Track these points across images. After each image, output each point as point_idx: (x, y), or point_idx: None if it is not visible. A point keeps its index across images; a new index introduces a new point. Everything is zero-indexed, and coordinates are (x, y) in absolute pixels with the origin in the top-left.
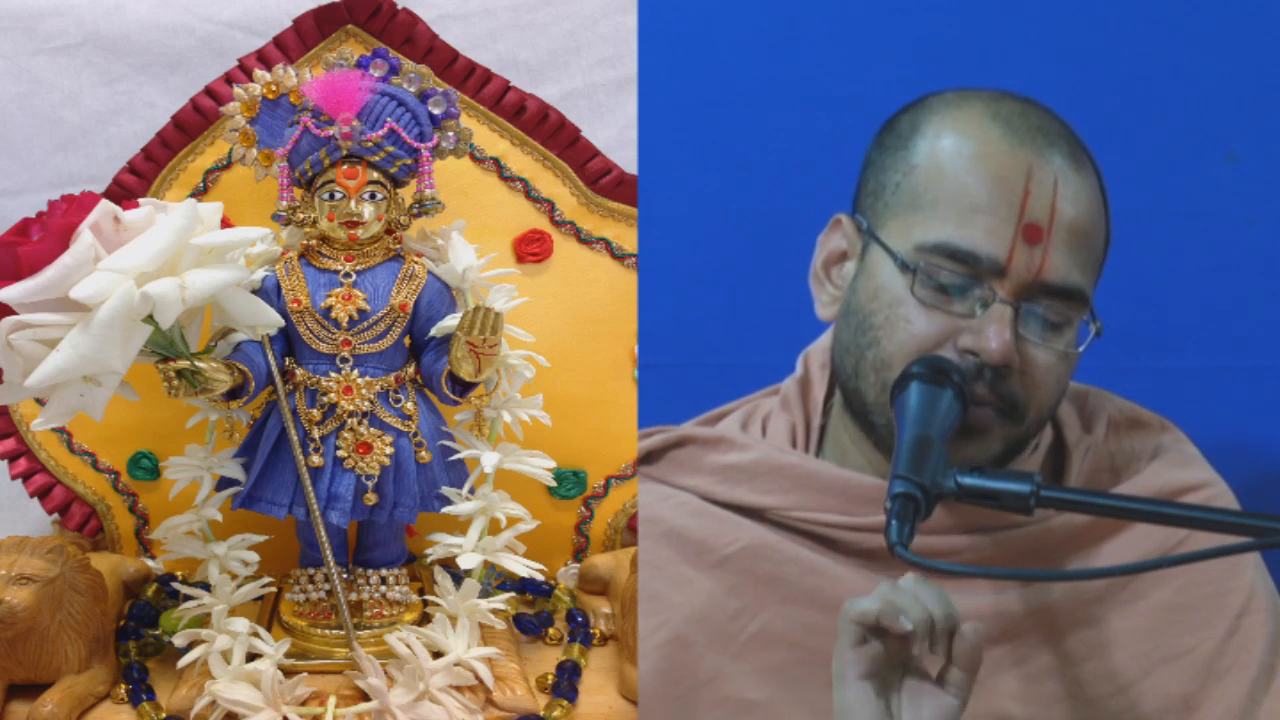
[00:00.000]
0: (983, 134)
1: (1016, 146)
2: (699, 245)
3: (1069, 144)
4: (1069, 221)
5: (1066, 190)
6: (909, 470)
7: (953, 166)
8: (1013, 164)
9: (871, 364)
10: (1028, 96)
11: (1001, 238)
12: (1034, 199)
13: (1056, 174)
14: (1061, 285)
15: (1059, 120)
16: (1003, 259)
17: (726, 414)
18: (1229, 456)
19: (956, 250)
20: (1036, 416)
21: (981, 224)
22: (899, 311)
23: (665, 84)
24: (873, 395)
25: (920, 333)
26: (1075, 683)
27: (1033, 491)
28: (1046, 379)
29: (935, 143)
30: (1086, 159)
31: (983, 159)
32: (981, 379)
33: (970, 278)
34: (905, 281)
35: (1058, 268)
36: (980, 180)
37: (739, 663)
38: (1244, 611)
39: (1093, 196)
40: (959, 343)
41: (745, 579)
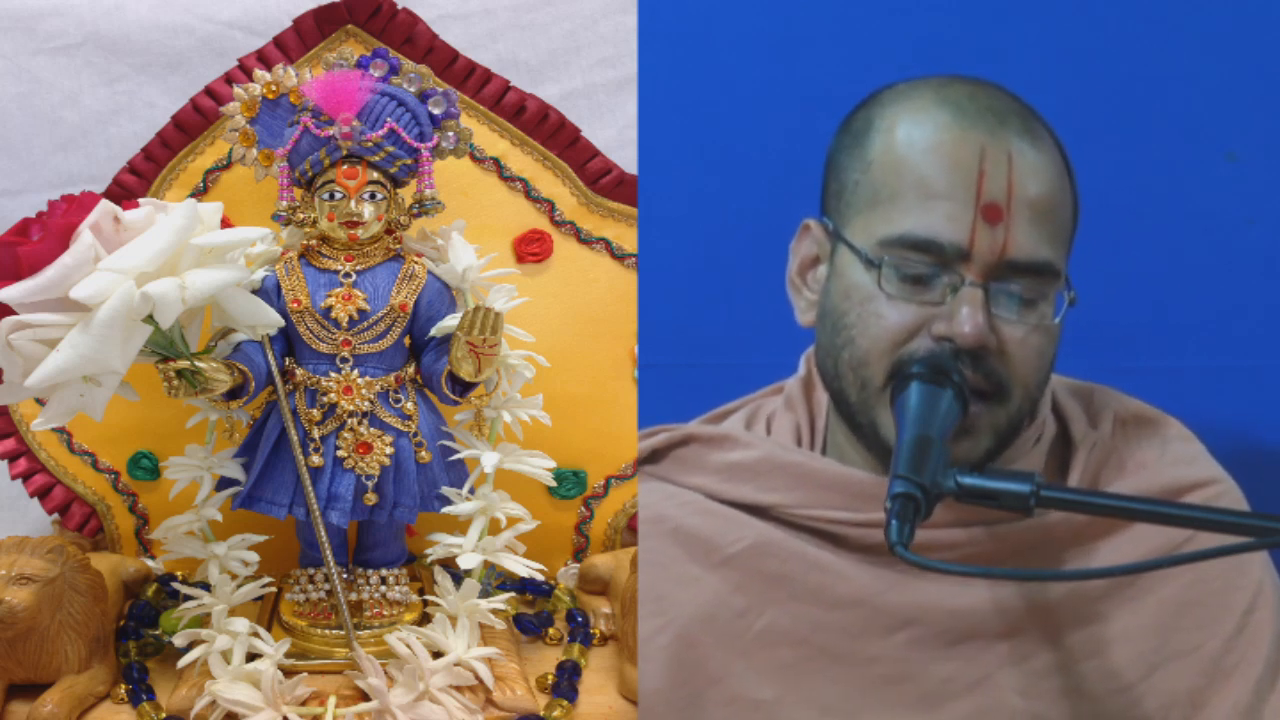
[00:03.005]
0: (933, 121)
1: (968, 129)
2: (699, 245)
3: (1022, 120)
4: (1028, 197)
5: (1023, 166)
6: (909, 470)
7: (907, 158)
8: (965, 147)
9: (849, 363)
10: (978, 78)
11: (961, 222)
12: (989, 179)
13: (1011, 151)
14: (1029, 261)
15: (1011, 97)
16: (965, 243)
17: (730, 413)
18: (1229, 456)
19: (918, 240)
20: (1024, 395)
21: (940, 211)
22: (870, 308)
23: (665, 84)
24: (854, 395)
25: (892, 326)
26: (1079, 679)
27: (1033, 491)
28: (1028, 355)
29: (888, 136)
30: (1044, 132)
31: (935, 146)
32: (961, 363)
33: (936, 265)
34: (872, 278)
35: (1022, 245)
36: (934, 168)
37: (746, 661)
38: (1251, 608)
39: (1052, 169)
40: (933, 330)
41: (751, 577)
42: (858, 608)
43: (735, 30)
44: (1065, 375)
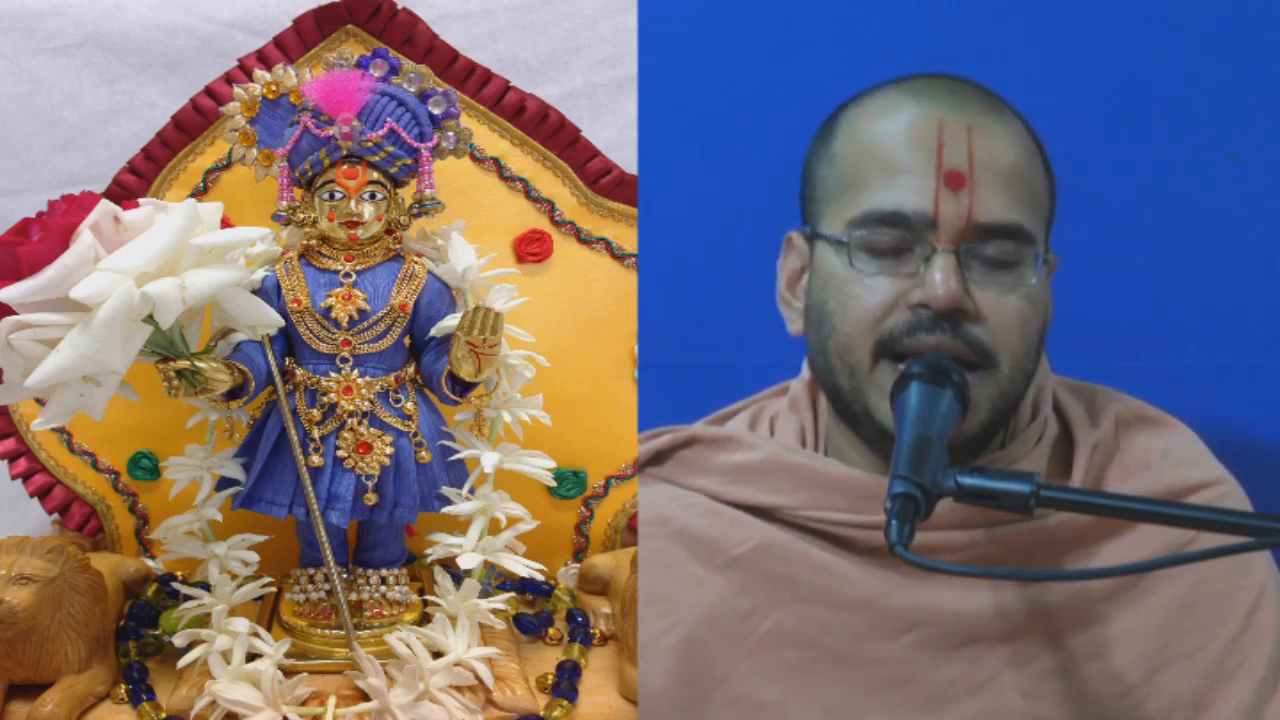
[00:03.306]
0: (893, 106)
1: (927, 108)
2: (699, 245)
3: (982, 97)
4: (992, 163)
5: (983, 136)
6: (909, 470)
7: (870, 143)
8: (924, 122)
9: (836, 352)
10: (941, 73)
11: (925, 191)
12: (949, 149)
13: (970, 124)
14: (998, 223)
15: (972, 83)
16: (930, 210)
17: (734, 414)
18: (1230, 456)
19: (885, 214)
20: (1013, 364)
21: (904, 184)
22: (847, 291)
23: (665, 84)
24: (845, 383)
25: (870, 304)
26: (1081, 681)
27: (1033, 491)
28: (1008, 319)
29: (850, 128)
30: (1006, 109)
31: (896, 128)
32: (941, 330)
33: (906, 237)
34: (844, 260)
35: (989, 207)
36: (895, 145)
37: (751, 662)
38: (1254, 609)
39: (1016, 139)
40: (910, 300)
41: (757, 579)
42: (863, 610)
43: (735, 30)
44: (1065, 375)
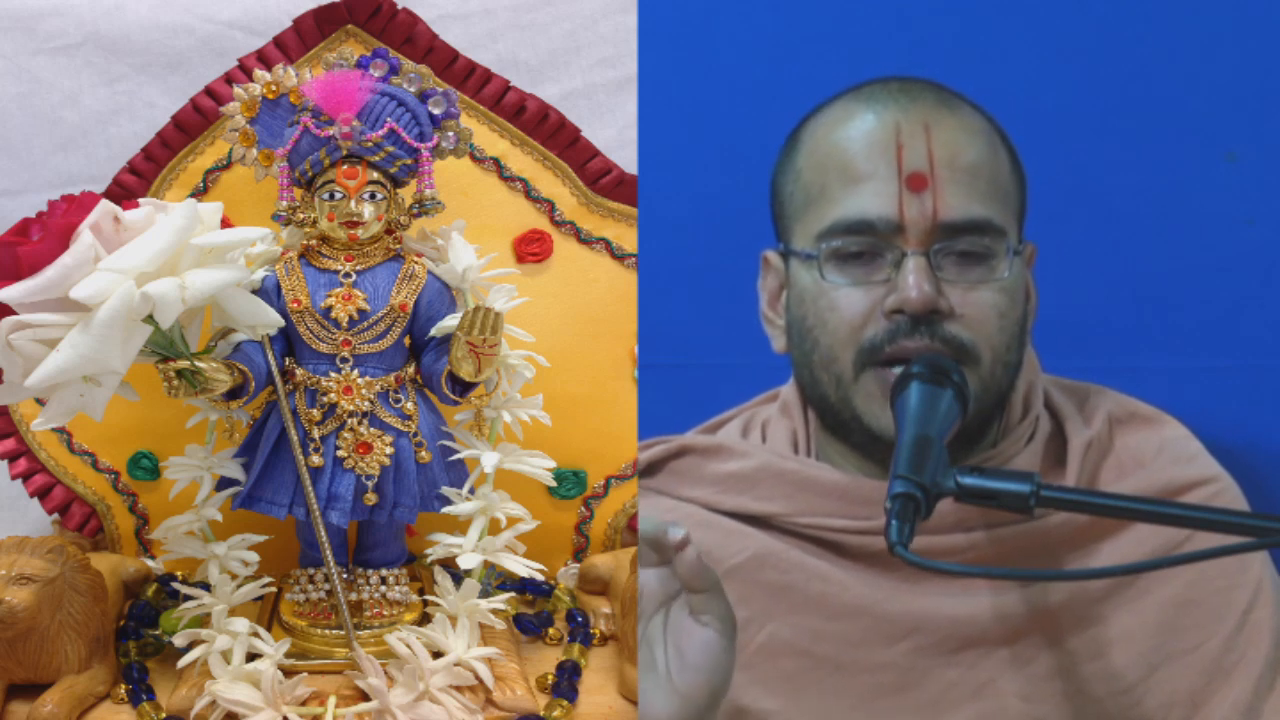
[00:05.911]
0: (848, 114)
1: (881, 112)
2: (699, 245)
3: (937, 95)
4: (953, 160)
5: (941, 133)
6: (909, 470)
7: (829, 154)
8: (880, 127)
9: (820, 365)
10: (895, 76)
11: (887, 196)
12: (908, 150)
13: (927, 122)
14: (963, 220)
15: (926, 82)
16: (894, 215)
17: (725, 422)
18: (1230, 456)
19: (850, 223)
20: (994, 357)
21: (866, 191)
22: (822, 303)
23: (665, 84)
24: (833, 395)
25: (847, 313)
26: (1080, 682)
27: (1033, 491)
28: (985, 314)
29: (810, 143)
30: (963, 104)
31: (853, 135)
32: (920, 334)
33: (874, 243)
34: (815, 273)
35: (953, 205)
36: (854, 152)
37: (748, 672)
38: (1251, 607)
39: (976, 133)
40: (885, 308)
41: (753, 588)
42: (860, 617)
43: (735, 30)
44: (1063, 375)
